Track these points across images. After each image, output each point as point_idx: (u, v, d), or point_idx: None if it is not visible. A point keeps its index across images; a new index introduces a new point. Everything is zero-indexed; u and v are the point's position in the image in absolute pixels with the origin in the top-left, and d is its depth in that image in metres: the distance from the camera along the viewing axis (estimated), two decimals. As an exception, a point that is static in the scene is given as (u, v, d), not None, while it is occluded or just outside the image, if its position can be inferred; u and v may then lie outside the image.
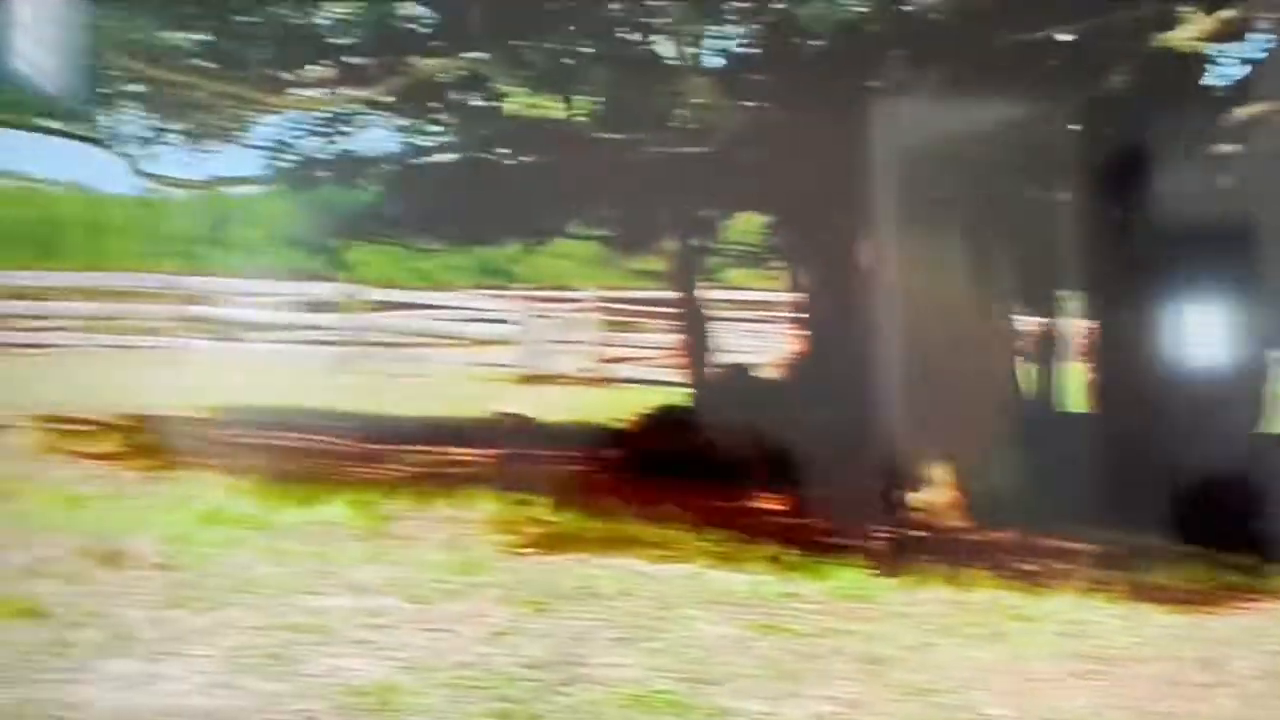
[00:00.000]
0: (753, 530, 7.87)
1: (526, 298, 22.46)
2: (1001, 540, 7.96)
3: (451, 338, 23.40)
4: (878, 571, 6.69)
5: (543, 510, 8.12)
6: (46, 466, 8.86)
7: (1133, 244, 9.06)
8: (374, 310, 22.89)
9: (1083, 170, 8.69)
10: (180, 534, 6.71)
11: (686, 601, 5.97)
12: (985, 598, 6.33)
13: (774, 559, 7.02)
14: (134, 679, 4.36)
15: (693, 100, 8.88)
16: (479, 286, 31.02)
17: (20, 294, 22.89)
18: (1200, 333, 9.25)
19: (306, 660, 4.66)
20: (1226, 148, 8.58)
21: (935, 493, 8.71)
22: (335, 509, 7.77)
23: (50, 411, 11.73)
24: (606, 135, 9.06)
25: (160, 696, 4.21)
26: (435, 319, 23.36)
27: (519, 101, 8.33)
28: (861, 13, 7.59)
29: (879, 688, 4.73)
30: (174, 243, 59.06)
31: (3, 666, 4.35)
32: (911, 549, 7.63)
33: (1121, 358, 9.71)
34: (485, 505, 8.10)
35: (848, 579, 6.52)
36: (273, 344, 23.53)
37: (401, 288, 28.62)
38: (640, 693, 4.46)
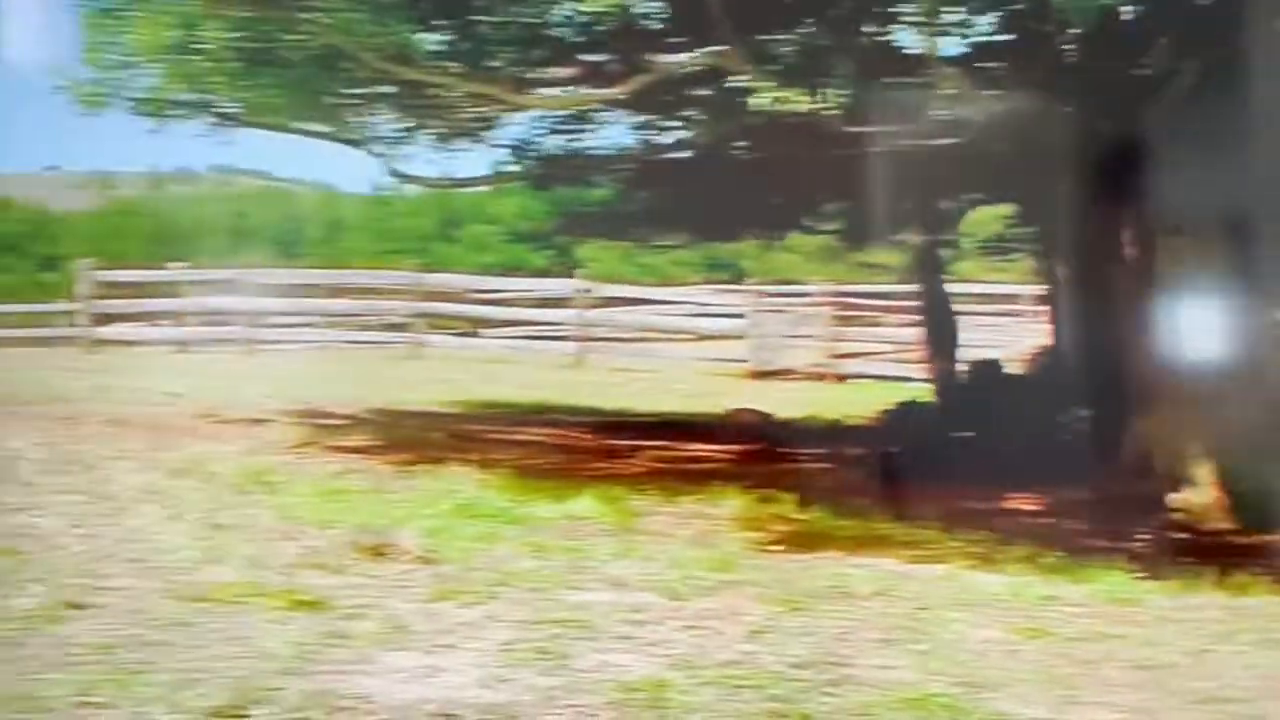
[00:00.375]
0: (1006, 531, 7.71)
1: (756, 292, 22.37)
2: (1272, 543, 7.64)
3: (681, 333, 23.49)
4: (1142, 575, 6.50)
5: (789, 508, 8.10)
6: (305, 460, 9.13)
7: None
8: (605, 306, 23.11)
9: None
10: (440, 528, 6.87)
11: (945, 603, 5.87)
12: (1261, 603, 6.09)
13: (1031, 560, 6.87)
14: (414, 671, 4.47)
15: (942, 91, 8.74)
16: (706, 281, 31.12)
17: (268, 292, 23.71)
18: None
19: (576, 655, 4.71)
20: None
21: (1197, 493, 8.40)
22: (584, 504, 7.86)
23: (304, 407, 12.17)
24: (853, 129, 8.95)
25: (441, 689, 4.30)
26: (665, 314, 23.47)
27: (766, 96, 8.26)
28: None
29: (1162, 695, 4.57)
30: (408, 240, 60.81)
31: (288, 658, 4.49)
32: (1175, 552, 7.40)
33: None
34: (732, 502, 8.11)
35: (1112, 582, 6.34)
36: (507, 340, 23.97)
37: (630, 283, 28.90)
38: (913, 696, 4.39)
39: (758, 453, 10.87)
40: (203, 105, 10.77)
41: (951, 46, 10.13)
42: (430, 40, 10.00)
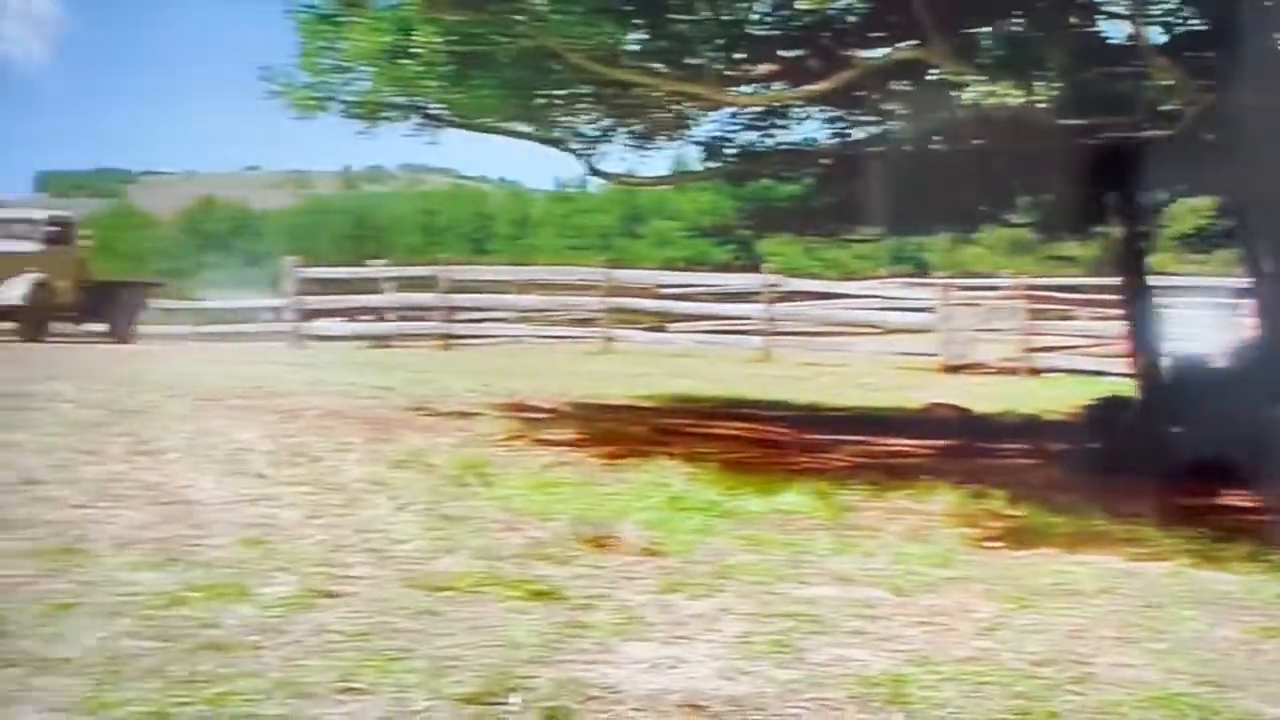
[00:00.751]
0: (1226, 528, 7.49)
1: (944, 286, 22.09)
2: None
3: (868, 326, 23.31)
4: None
5: (1000, 503, 7.98)
6: (516, 453, 9.25)
7: None
8: (792, 300, 23.03)
9: None
10: (656, 520, 6.91)
11: (1175, 601, 5.72)
12: None
13: (1254, 558, 6.66)
14: (654, 662, 4.49)
15: (1153, 83, 8.53)
16: (892, 275, 30.83)
17: (461, 288, 24.13)
18: None
19: (811, 650, 4.69)
20: None
21: None
22: (793, 498, 7.85)
23: (507, 400, 12.34)
24: (1062, 122, 8.78)
25: (683, 680, 4.32)
26: (852, 308, 23.31)
27: (976, 90, 8.14)
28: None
29: None
30: (592, 236, 61.36)
31: (533, 646, 4.55)
32: None
33: None
34: (942, 497, 8.01)
35: (1346, 582, 6.11)
36: (695, 334, 24.03)
37: (813, 277, 28.80)
38: (1159, 694, 4.29)
39: (959, 448, 10.72)
40: (412, 107, 10.99)
41: (1160, 36, 9.92)
42: (633, 39, 10.07)
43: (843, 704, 4.15)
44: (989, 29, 9.67)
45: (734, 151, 12.78)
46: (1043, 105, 8.22)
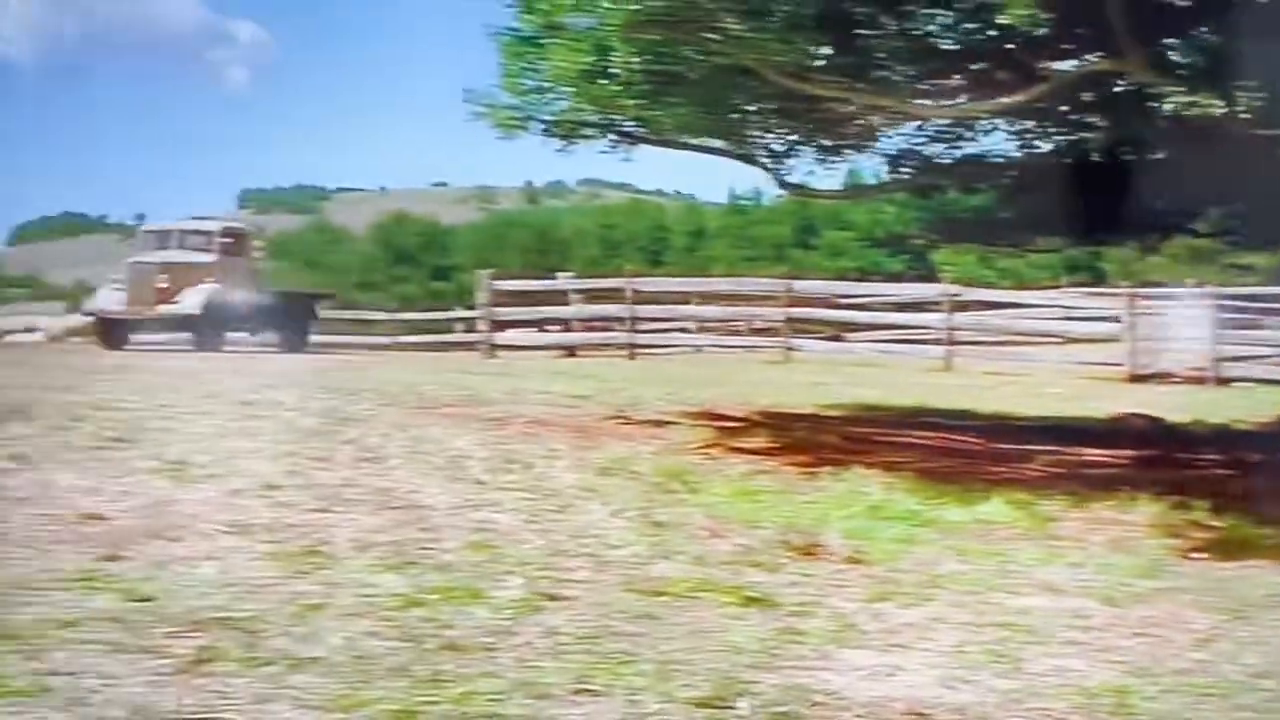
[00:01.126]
0: None
1: (1128, 295, 21.54)
2: None
3: (1049, 336, 22.86)
4: None
5: (1203, 514, 7.77)
6: (712, 461, 9.29)
7: None
8: (971, 309, 22.70)
9: None
10: (858, 529, 6.89)
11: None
12: None
13: None
14: (873, 669, 4.49)
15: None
16: (1070, 284, 30.16)
17: (645, 299, 24.29)
18: None
19: (1028, 660, 4.64)
20: None
21: None
22: (993, 507, 7.76)
23: (698, 409, 12.40)
24: (1263, 132, 8.53)
25: (903, 688, 4.31)
26: (1034, 317, 22.88)
27: (1177, 101, 7.97)
28: None
29: None
30: (765, 247, 61.26)
31: (754, 652, 4.58)
32: None
33: None
34: (1144, 508, 7.83)
35: None
36: (874, 343, 23.85)
37: (988, 286, 28.32)
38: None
39: (1155, 458, 10.46)
40: (608, 125, 11.13)
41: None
42: (825, 55, 10.05)
43: (1066, 714, 4.10)
44: (1181, 39, 9.45)
45: (920, 164, 12.66)
46: (1244, 115, 7.99)
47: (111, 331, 22.21)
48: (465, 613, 4.82)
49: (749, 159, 12.14)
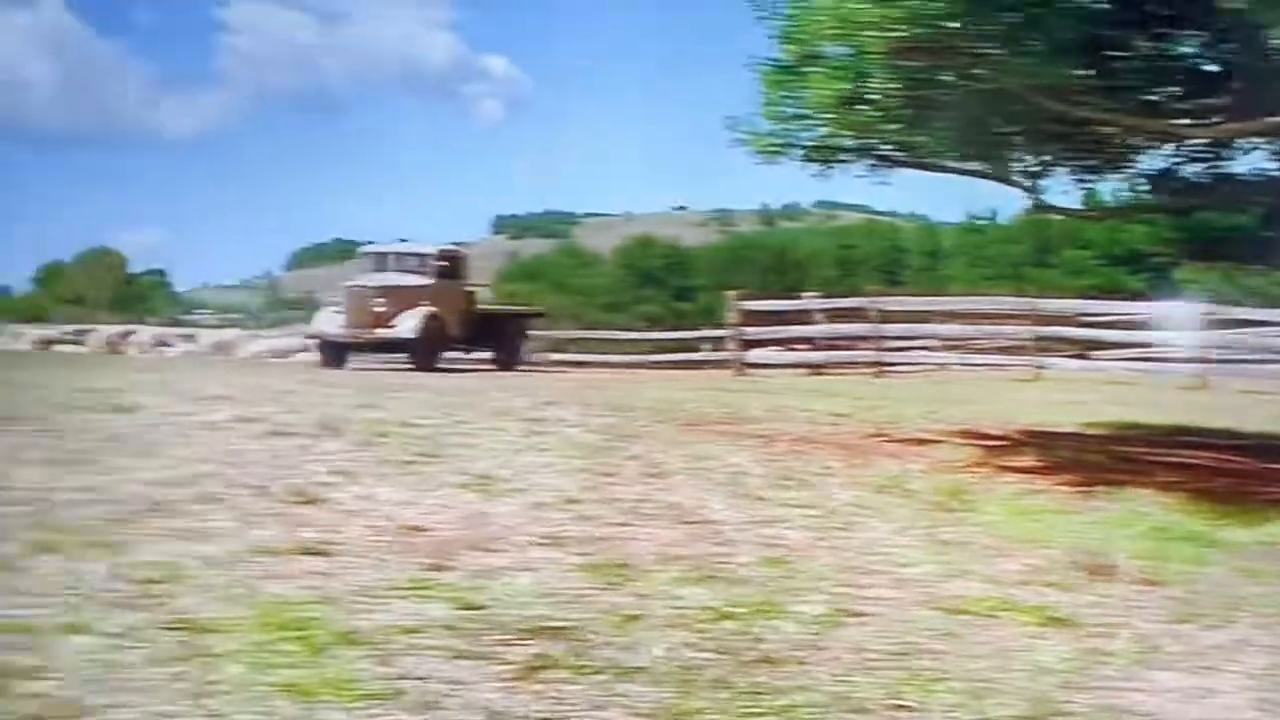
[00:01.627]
0: None
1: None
2: None
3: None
4: None
5: None
6: (983, 479, 9.13)
7: None
8: (1227, 327, 21.81)
9: None
10: (1146, 550, 6.70)
11: None
12: None
13: None
14: (1186, 691, 4.36)
15: None
16: (1327, 300, 28.64)
17: (889, 318, 24.05)
18: None
19: (1348, 687, 4.45)
20: None
21: None
22: (1278, 528, 7.46)
23: (960, 427, 12.21)
24: None
25: (1217, 710, 4.18)
26: (1287, 335, 21.86)
27: None
28: None
29: None
30: (1002, 266, 59.78)
31: (1063, 672, 4.49)
32: None
33: None
34: None
35: None
36: (1124, 361, 23.12)
37: (1236, 304, 27.13)
38: None
39: None
40: (864, 150, 11.08)
41: None
42: (1088, 77, 9.83)
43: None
44: None
45: (1179, 184, 12.26)
46: None
47: (331, 353, 22.22)
48: (772, 627, 4.85)
49: (1005, 180, 11.93)
